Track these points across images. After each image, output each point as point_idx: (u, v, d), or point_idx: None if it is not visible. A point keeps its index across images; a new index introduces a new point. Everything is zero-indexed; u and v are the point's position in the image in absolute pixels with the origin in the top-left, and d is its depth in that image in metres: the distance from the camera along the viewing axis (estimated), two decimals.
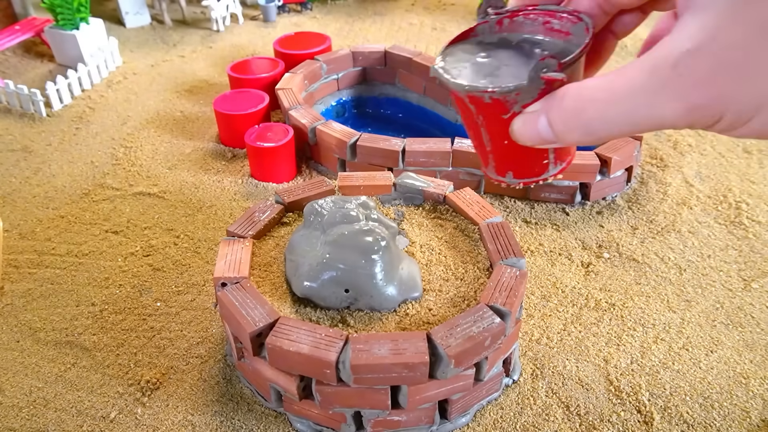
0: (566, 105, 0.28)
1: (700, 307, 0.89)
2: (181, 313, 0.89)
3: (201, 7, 2.07)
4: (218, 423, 0.73)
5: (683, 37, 0.23)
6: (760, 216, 1.07)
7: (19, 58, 1.74)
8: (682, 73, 0.23)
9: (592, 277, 0.94)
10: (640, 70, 0.24)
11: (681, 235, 1.03)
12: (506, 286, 0.68)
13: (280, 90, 1.26)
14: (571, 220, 1.07)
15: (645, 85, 0.24)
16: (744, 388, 0.77)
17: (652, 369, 0.79)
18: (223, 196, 1.15)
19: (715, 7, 0.23)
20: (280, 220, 0.83)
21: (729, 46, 0.23)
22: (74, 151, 1.30)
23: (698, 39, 0.23)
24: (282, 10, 2.06)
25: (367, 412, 0.68)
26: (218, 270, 0.71)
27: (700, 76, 0.23)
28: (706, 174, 1.19)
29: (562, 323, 0.86)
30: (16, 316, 0.89)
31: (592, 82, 0.27)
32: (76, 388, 0.78)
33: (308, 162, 1.24)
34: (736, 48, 0.23)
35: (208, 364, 0.81)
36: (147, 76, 1.64)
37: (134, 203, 1.13)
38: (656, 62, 0.24)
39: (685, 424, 0.72)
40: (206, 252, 1.01)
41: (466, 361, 0.63)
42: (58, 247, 1.03)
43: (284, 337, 0.63)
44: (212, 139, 1.34)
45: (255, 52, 1.77)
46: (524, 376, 0.79)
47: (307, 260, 0.70)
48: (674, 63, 0.24)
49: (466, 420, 0.73)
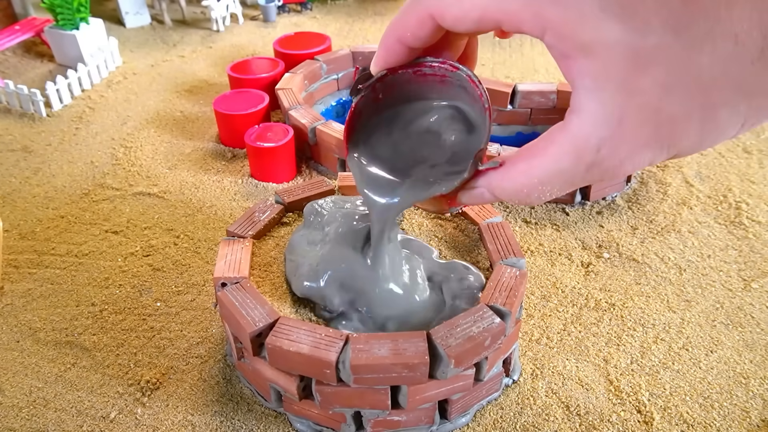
0: (506, 186, 0.34)
1: (700, 307, 0.89)
2: (181, 313, 0.89)
3: (201, 7, 2.07)
4: (218, 423, 0.73)
5: (597, 122, 0.27)
6: (760, 216, 1.07)
7: (19, 58, 1.74)
8: (605, 157, 0.28)
9: (592, 277, 0.94)
10: (565, 153, 0.29)
11: (681, 235, 1.03)
12: (506, 286, 0.68)
13: (280, 90, 1.27)
14: (571, 220, 1.07)
15: (573, 168, 0.29)
16: (744, 388, 0.77)
17: (652, 369, 0.79)
18: (223, 196, 1.15)
19: (608, 89, 0.26)
20: (280, 220, 0.83)
21: (639, 123, 0.26)
22: (74, 151, 1.30)
23: (611, 124, 0.27)
24: (282, 10, 2.06)
25: (367, 412, 0.68)
26: (218, 270, 0.71)
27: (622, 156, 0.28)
28: (706, 174, 1.19)
29: (562, 323, 0.86)
30: (16, 316, 0.89)
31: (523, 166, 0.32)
32: (76, 388, 0.78)
33: (308, 162, 1.24)
34: (643, 124, 0.26)
35: (208, 364, 0.81)
36: (147, 76, 1.64)
37: (134, 203, 1.13)
38: (578, 145, 0.28)
39: (685, 423, 0.72)
40: (206, 252, 1.01)
41: (466, 361, 0.63)
42: (58, 247, 1.03)
43: (284, 337, 0.63)
44: (212, 139, 1.34)
45: (255, 52, 1.77)
46: (524, 376, 0.79)
47: (307, 260, 0.70)
48: (597, 148, 0.28)
49: (466, 420, 0.73)
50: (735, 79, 0.24)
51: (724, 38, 0.23)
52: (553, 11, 0.25)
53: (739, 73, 0.24)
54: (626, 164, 0.28)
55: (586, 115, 0.27)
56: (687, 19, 0.23)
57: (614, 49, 0.25)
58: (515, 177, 0.32)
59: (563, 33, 0.26)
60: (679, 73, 0.24)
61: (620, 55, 0.25)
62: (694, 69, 0.24)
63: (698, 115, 0.25)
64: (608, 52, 0.25)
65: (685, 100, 0.25)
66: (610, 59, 0.25)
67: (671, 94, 0.25)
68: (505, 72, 1.66)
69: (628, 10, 0.24)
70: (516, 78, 1.63)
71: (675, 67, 0.24)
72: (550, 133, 0.30)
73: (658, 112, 0.26)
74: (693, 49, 0.23)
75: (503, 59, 1.73)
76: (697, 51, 0.23)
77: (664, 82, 0.25)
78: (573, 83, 0.27)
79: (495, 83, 1.22)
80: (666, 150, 0.27)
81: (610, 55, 0.25)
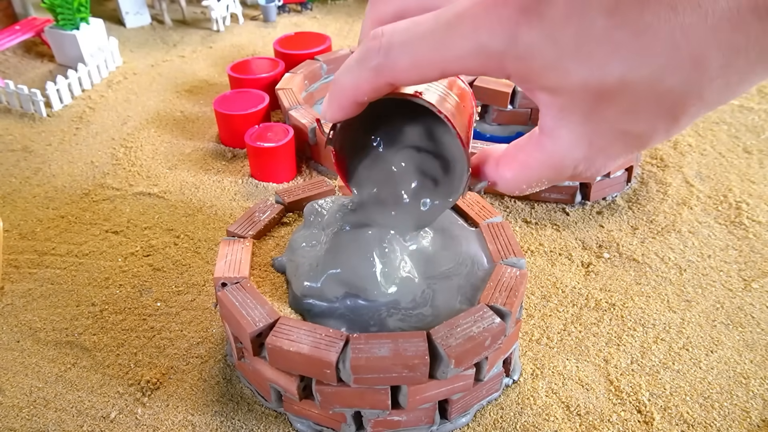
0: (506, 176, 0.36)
1: (701, 307, 0.89)
2: (181, 313, 0.89)
3: (201, 7, 2.07)
4: (218, 423, 0.73)
5: (568, 146, 0.29)
6: (760, 216, 1.07)
7: (19, 58, 1.74)
8: (583, 170, 0.30)
9: (592, 277, 0.94)
10: (542, 164, 0.31)
11: (681, 235, 1.03)
12: (506, 286, 0.68)
13: (280, 90, 1.27)
14: (571, 220, 1.07)
15: (550, 176, 0.32)
16: (744, 388, 0.77)
17: (652, 369, 0.79)
18: (223, 196, 1.15)
19: (574, 120, 0.28)
20: (280, 220, 0.83)
21: (609, 143, 0.29)
22: (74, 151, 1.30)
23: (582, 147, 0.29)
24: (282, 10, 2.06)
25: (367, 412, 0.68)
26: (218, 270, 0.71)
27: (598, 166, 0.30)
28: (706, 174, 1.19)
29: (562, 323, 0.86)
30: (16, 316, 0.89)
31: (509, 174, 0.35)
32: (76, 388, 0.78)
33: (308, 162, 1.24)
34: (613, 142, 0.29)
35: (208, 364, 0.81)
36: (147, 76, 1.64)
37: (134, 203, 1.13)
38: (554, 164, 0.31)
39: (685, 423, 0.72)
40: (206, 252, 1.01)
41: (466, 361, 0.63)
42: (58, 247, 1.03)
43: (284, 337, 0.63)
44: (212, 139, 1.34)
45: (255, 52, 1.77)
46: (524, 376, 0.79)
47: (307, 260, 0.70)
48: (573, 166, 0.30)
49: (466, 420, 0.73)
50: (698, 93, 0.25)
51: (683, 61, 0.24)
52: (515, 66, 0.26)
53: (700, 86, 0.25)
54: (605, 169, 0.30)
55: (558, 140, 0.29)
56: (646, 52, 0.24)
57: (577, 91, 0.26)
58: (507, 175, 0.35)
59: (527, 80, 0.27)
60: (643, 99, 0.26)
61: (583, 95, 0.26)
62: (660, 90, 0.25)
63: (664, 126, 0.27)
64: (572, 94, 0.26)
65: (651, 118, 0.27)
66: (574, 98, 0.27)
67: (636, 117, 0.27)
68: None
69: (585, 54, 0.25)
70: None
71: (639, 95, 0.25)
72: (527, 146, 0.32)
73: (626, 133, 0.28)
74: (654, 77, 0.25)
75: None
76: (658, 79, 0.25)
77: (628, 109, 0.26)
78: (540, 109, 0.29)
79: (495, 83, 1.22)
80: (638, 151, 0.30)
81: (574, 95, 0.26)
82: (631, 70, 0.25)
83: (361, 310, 0.68)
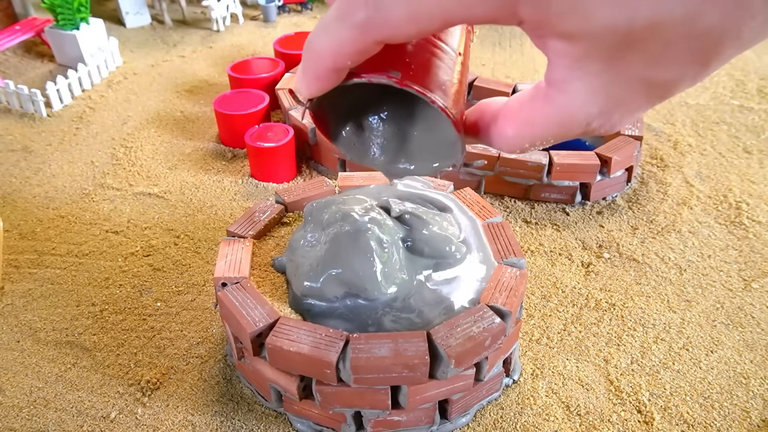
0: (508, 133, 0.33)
1: (701, 307, 0.89)
2: (181, 313, 0.89)
3: (201, 7, 2.07)
4: (218, 423, 0.73)
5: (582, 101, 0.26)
6: (760, 216, 1.07)
7: (19, 58, 1.74)
8: (596, 127, 0.27)
9: (593, 277, 0.94)
10: (550, 120, 0.28)
11: (681, 235, 1.03)
12: (506, 286, 0.68)
13: (280, 90, 1.27)
14: (572, 220, 1.07)
15: (558, 133, 0.28)
16: (744, 388, 0.77)
17: (652, 369, 0.79)
18: (224, 196, 1.15)
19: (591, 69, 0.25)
20: (280, 220, 0.83)
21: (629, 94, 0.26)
22: (74, 151, 1.30)
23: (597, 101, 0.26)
24: (282, 10, 2.06)
25: (367, 412, 0.68)
26: (218, 270, 0.71)
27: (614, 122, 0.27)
28: (706, 174, 1.19)
29: (562, 323, 0.86)
30: (16, 316, 0.89)
31: (510, 131, 0.31)
32: (76, 388, 0.78)
33: (308, 162, 1.24)
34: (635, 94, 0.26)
35: (209, 364, 0.81)
36: (147, 76, 1.64)
37: (134, 203, 1.13)
38: (564, 121, 0.28)
39: (685, 424, 0.72)
40: (206, 252, 1.01)
41: (466, 361, 0.63)
42: (58, 247, 1.03)
43: (284, 337, 0.63)
44: (212, 139, 1.34)
45: (255, 52, 1.77)
46: (524, 376, 0.79)
47: (307, 260, 0.70)
48: (585, 123, 0.27)
49: (466, 420, 0.73)
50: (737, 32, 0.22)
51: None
52: (530, 10, 0.23)
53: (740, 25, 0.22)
54: (620, 125, 0.27)
55: (570, 94, 0.26)
56: None
57: (599, 36, 0.23)
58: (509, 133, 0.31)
59: (541, 26, 0.24)
60: (674, 43, 0.23)
61: (606, 40, 0.23)
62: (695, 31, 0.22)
63: (693, 72, 0.24)
64: (592, 39, 0.23)
65: (680, 64, 0.24)
66: (595, 44, 0.24)
67: (664, 64, 0.24)
68: (506, 72, 1.66)
69: None
70: (516, 78, 1.63)
71: (670, 38, 0.23)
72: (532, 100, 0.28)
73: (650, 82, 0.25)
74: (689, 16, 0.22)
75: (503, 59, 1.73)
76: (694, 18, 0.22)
77: (656, 55, 0.23)
78: (550, 59, 0.26)
79: (495, 83, 1.22)
80: (659, 102, 0.26)
81: (595, 40, 0.23)
82: (664, 8, 0.22)
83: (361, 310, 0.68)
